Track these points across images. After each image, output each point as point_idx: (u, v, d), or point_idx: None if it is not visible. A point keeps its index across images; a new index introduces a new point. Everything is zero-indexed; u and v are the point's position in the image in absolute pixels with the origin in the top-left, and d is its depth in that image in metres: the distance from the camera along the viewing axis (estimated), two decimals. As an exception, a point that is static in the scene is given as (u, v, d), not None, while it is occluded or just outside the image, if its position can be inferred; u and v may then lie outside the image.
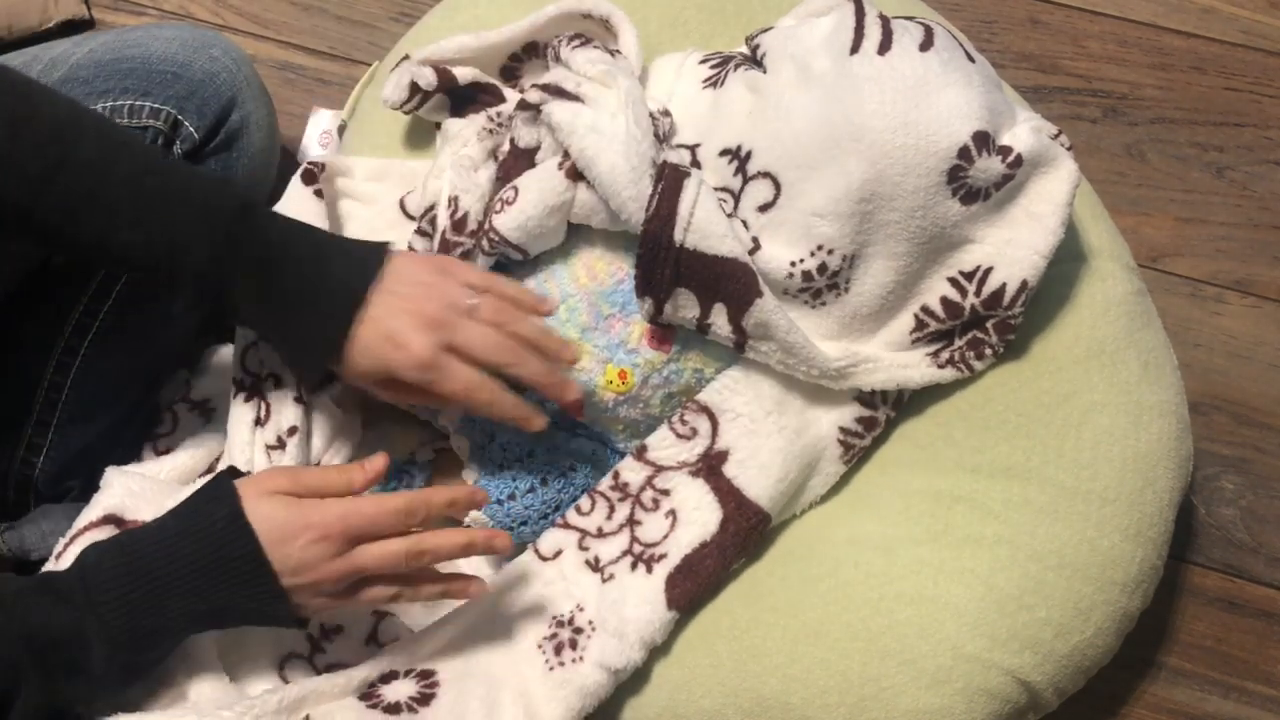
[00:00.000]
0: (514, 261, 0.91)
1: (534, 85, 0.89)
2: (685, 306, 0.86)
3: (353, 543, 0.78)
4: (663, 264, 0.84)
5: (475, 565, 0.95)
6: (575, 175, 0.86)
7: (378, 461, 0.81)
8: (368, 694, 0.84)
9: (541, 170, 0.88)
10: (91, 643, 0.75)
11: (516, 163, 0.91)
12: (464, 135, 0.94)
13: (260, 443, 0.89)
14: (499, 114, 0.94)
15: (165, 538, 0.77)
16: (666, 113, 0.91)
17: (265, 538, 0.76)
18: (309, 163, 0.96)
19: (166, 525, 0.78)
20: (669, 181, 0.84)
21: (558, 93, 0.87)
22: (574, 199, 0.87)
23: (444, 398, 0.83)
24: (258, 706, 0.79)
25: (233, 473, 0.81)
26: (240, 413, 0.90)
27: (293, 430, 0.89)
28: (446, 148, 0.96)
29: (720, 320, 0.86)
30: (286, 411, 0.89)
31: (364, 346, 0.81)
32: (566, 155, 0.86)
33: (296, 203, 0.93)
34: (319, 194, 0.94)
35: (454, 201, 0.90)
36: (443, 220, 0.90)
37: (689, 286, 0.85)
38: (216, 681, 0.82)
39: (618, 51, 0.92)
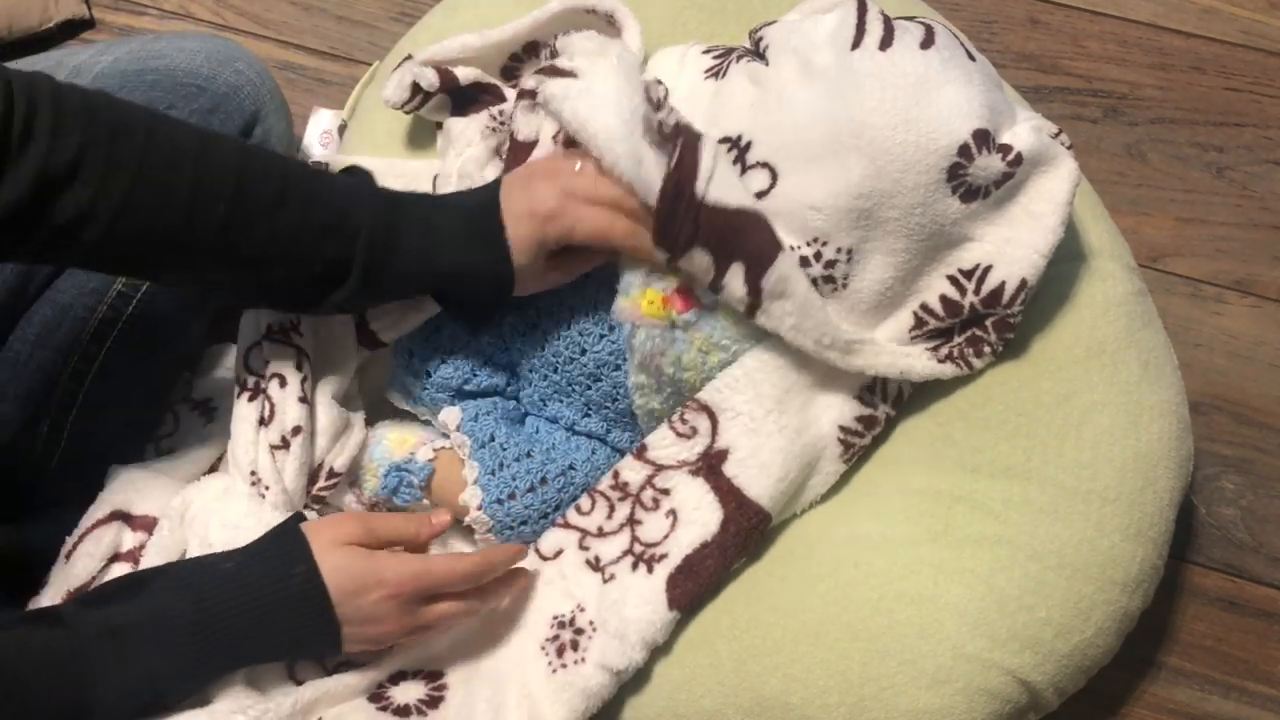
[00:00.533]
0: None
1: (531, 74, 0.89)
2: (701, 268, 0.84)
3: (422, 602, 0.82)
4: (683, 218, 0.82)
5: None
6: (569, 144, 0.86)
7: (443, 516, 0.87)
8: (377, 695, 0.85)
9: (536, 151, 0.88)
10: (164, 693, 0.78)
11: (516, 157, 0.91)
12: (467, 135, 0.94)
13: (264, 442, 0.89)
14: (501, 112, 0.94)
15: (242, 594, 0.79)
16: (660, 82, 0.91)
17: (338, 590, 0.79)
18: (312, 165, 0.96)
19: (243, 578, 0.79)
20: (688, 138, 0.83)
21: (552, 72, 0.87)
22: None
23: (588, 245, 0.86)
24: (272, 711, 0.80)
25: (298, 517, 0.84)
26: (244, 412, 0.90)
27: (297, 430, 0.89)
28: (451, 150, 0.96)
29: (736, 282, 0.84)
30: (290, 411, 0.89)
31: (516, 240, 0.84)
32: (561, 129, 0.86)
33: None
34: None
35: None
36: None
37: (707, 247, 0.83)
38: (228, 678, 0.83)
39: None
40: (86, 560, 0.87)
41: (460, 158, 0.94)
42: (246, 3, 1.33)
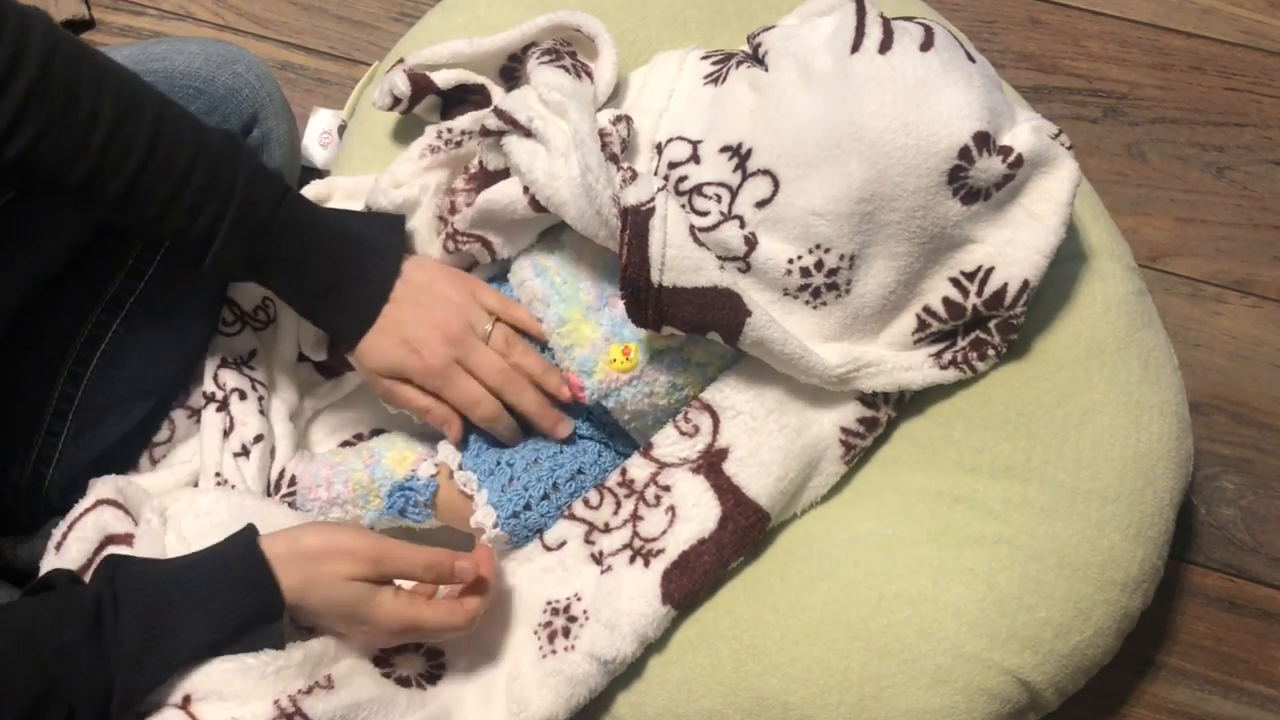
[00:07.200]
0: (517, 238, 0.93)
1: (493, 109, 0.90)
2: (679, 339, 0.88)
3: (381, 581, 0.81)
4: (644, 304, 0.84)
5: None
6: (539, 208, 0.88)
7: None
8: (382, 660, 0.86)
9: (512, 191, 0.89)
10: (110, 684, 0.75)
11: (488, 183, 0.92)
12: (410, 152, 0.95)
13: (229, 451, 0.95)
14: (449, 129, 0.94)
15: (186, 569, 0.79)
16: (621, 119, 0.91)
17: (296, 557, 0.79)
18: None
19: (188, 561, 0.80)
20: (634, 228, 0.83)
21: (513, 124, 0.87)
22: (547, 216, 0.89)
23: (444, 404, 0.91)
24: (282, 658, 0.81)
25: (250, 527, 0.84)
26: (212, 421, 0.96)
27: (258, 438, 0.95)
28: (402, 154, 0.97)
29: (715, 338, 0.86)
30: (251, 422, 0.96)
31: (381, 347, 0.89)
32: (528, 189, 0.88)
33: None
34: None
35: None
36: None
37: (676, 325, 0.85)
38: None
39: (590, 72, 0.93)
40: (80, 545, 0.87)
41: (393, 175, 0.95)
42: (246, 3, 1.33)
